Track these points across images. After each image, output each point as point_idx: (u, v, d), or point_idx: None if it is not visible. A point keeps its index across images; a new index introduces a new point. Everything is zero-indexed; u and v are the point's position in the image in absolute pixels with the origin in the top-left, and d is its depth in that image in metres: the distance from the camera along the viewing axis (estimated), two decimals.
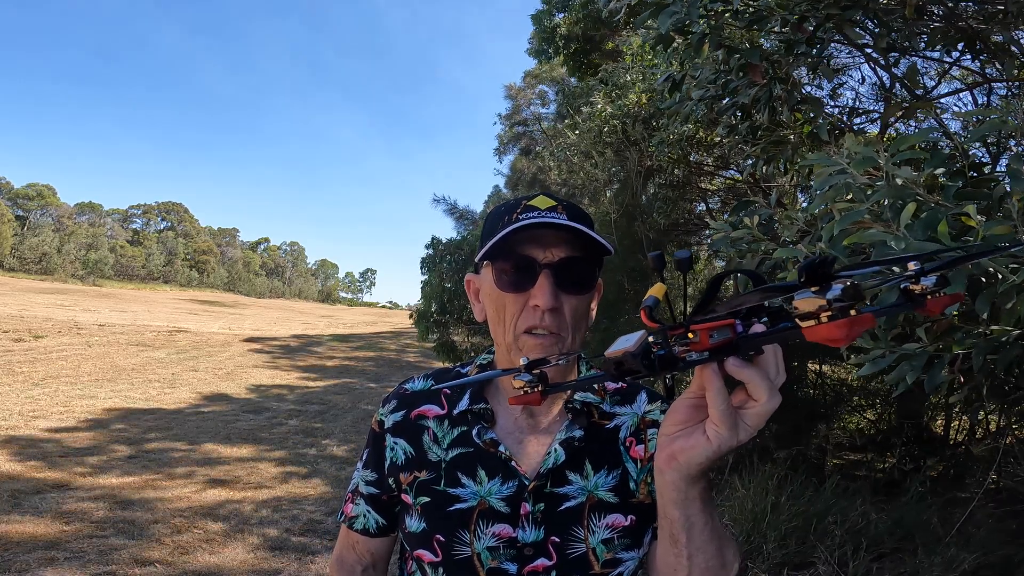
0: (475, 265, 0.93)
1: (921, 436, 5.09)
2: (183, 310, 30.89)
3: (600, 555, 0.84)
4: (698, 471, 0.60)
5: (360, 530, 0.95)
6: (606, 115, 4.87)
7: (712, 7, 2.22)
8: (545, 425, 0.90)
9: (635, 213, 5.17)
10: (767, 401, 0.54)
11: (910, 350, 1.37)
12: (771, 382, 0.54)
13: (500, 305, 0.85)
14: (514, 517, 0.84)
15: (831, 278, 0.40)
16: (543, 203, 0.85)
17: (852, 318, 0.39)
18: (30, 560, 3.41)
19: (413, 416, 0.93)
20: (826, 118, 2.50)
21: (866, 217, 1.15)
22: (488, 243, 0.83)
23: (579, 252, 0.83)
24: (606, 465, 0.88)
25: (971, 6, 2.33)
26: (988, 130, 1.25)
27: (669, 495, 0.63)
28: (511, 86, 16.71)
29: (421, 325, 8.72)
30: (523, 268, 0.83)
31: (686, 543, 0.66)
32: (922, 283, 0.45)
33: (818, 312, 0.41)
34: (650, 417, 0.92)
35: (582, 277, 0.84)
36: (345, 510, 0.98)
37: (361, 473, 0.97)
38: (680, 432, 0.60)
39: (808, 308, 0.41)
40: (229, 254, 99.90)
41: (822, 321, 0.40)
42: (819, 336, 0.41)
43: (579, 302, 0.85)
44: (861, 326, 0.40)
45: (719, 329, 0.50)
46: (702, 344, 0.50)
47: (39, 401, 7.76)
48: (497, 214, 0.88)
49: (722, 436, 0.55)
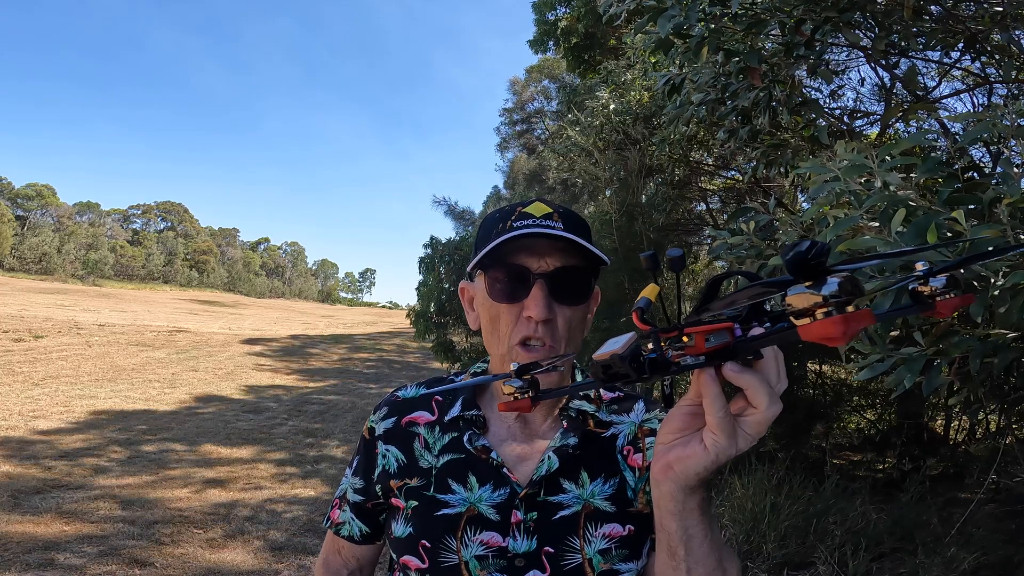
0: (469, 273, 0.91)
1: (921, 436, 5.09)
2: (183, 310, 30.90)
3: (597, 566, 0.81)
4: (696, 481, 0.57)
5: (345, 536, 0.95)
6: (609, 112, 4.86)
7: (711, 11, 2.23)
8: (539, 433, 0.88)
9: (635, 212, 5.17)
10: (767, 408, 0.51)
11: (908, 353, 1.38)
12: (771, 388, 0.51)
13: (494, 315, 0.84)
14: (504, 525, 0.82)
15: (827, 272, 0.37)
16: (538, 210, 0.83)
17: (849, 314, 0.36)
18: (30, 560, 3.42)
19: (404, 423, 0.92)
20: (826, 120, 2.51)
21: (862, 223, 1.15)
22: (481, 251, 0.81)
23: (574, 261, 0.81)
24: (603, 473, 0.85)
25: (970, 7, 2.33)
26: (982, 132, 1.25)
27: (666, 506, 0.61)
28: (515, 79, 16.75)
29: (419, 325, 8.72)
30: (516, 278, 0.81)
31: (684, 556, 0.63)
32: (931, 284, 0.43)
33: (813, 309, 0.38)
34: (648, 426, 0.90)
35: (577, 287, 0.82)
36: (332, 515, 0.97)
37: (350, 480, 0.96)
38: (677, 441, 0.58)
39: (803, 305, 0.38)
40: (229, 254, 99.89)
41: (817, 318, 0.37)
42: (815, 335, 0.38)
43: (573, 313, 0.83)
44: (859, 323, 0.37)
45: (716, 333, 0.48)
46: (698, 348, 0.47)
47: (39, 401, 7.76)
48: (491, 221, 0.86)
49: (720, 445, 0.53)
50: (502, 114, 17.04)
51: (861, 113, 3.32)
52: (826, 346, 0.48)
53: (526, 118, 16.53)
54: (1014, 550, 3.14)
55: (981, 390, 1.66)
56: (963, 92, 3.52)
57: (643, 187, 5.24)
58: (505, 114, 17.03)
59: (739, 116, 2.65)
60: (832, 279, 0.37)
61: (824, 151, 2.28)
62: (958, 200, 1.14)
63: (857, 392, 5.40)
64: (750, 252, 1.69)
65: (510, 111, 16.89)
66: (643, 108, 4.75)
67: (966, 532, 3.29)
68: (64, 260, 67.89)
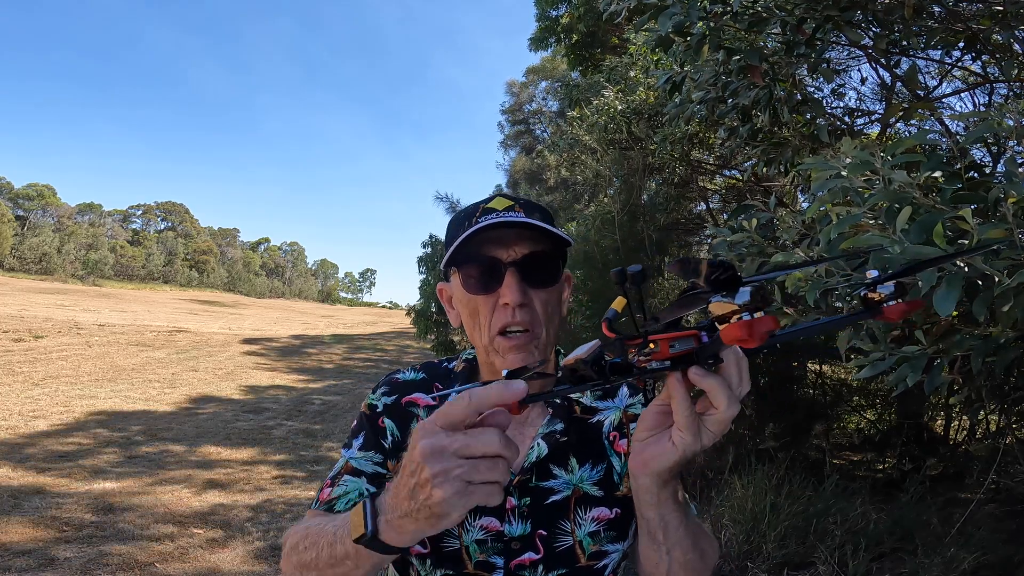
0: (443, 273, 0.94)
1: (921, 436, 5.09)
2: (183, 310, 30.90)
3: (587, 548, 0.85)
4: (668, 475, 0.64)
5: (342, 510, 0.87)
6: (614, 111, 4.85)
7: (712, 9, 2.22)
8: (527, 420, 0.91)
9: (637, 212, 5.16)
10: (726, 409, 0.56)
11: (909, 352, 1.37)
12: (731, 391, 0.56)
13: (472, 309, 0.87)
14: (500, 510, 0.85)
15: (739, 283, 0.42)
16: (500, 204, 0.87)
17: (754, 319, 0.41)
18: (30, 560, 3.41)
19: (404, 402, 0.94)
20: (827, 119, 2.50)
21: (864, 220, 1.15)
22: (451, 249, 0.84)
23: (541, 247, 0.85)
24: (591, 459, 0.89)
25: (971, 6, 2.33)
26: (984, 131, 1.25)
27: (643, 498, 0.68)
28: (512, 82, 16.75)
29: (420, 323, 8.74)
30: (489, 269, 0.84)
31: (663, 540, 0.71)
32: (879, 291, 0.47)
33: (730, 316, 0.42)
34: (632, 411, 0.93)
35: (547, 271, 0.86)
36: (321, 496, 0.90)
37: (363, 454, 0.92)
38: (651, 438, 0.64)
39: (721, 312, 0.43)
40: (229, 254, 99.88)
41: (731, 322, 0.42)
42: (730, 337, 0.42)
43: (548, 295, 0.87)
44: (763, 326, 0.41)
45: (682, 340, 0.52)
46: (662, 354, 0.52)
47: (39, 401, 7.76)
48: (457, 220, 0.90)
49: (686, 442, 0.59)
50: (504, 112, 17.07)
51: (861, 112, 3.32)
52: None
53: (524, 119, 16.54)
54: (1014, 550, 3.14)
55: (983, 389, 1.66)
56: (963, 91, 3.52)
57: (645, 186, 5.24)
58: (507, 112, 17.05)
59: (740, 114, 2.65)
60: (744, 289, 0.42)
61: (824, 150, 2.28)
62: (962, 198, 1.14)
63: (857, 392, 5.39)
64: (751, 250, 1.69)
65: (510, 110, 16.89)
66: (648, 107, 4.74)
67: (966, 532, 3.29)
68: (64, 260, 67.88)
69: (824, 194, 1.29)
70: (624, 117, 4.75)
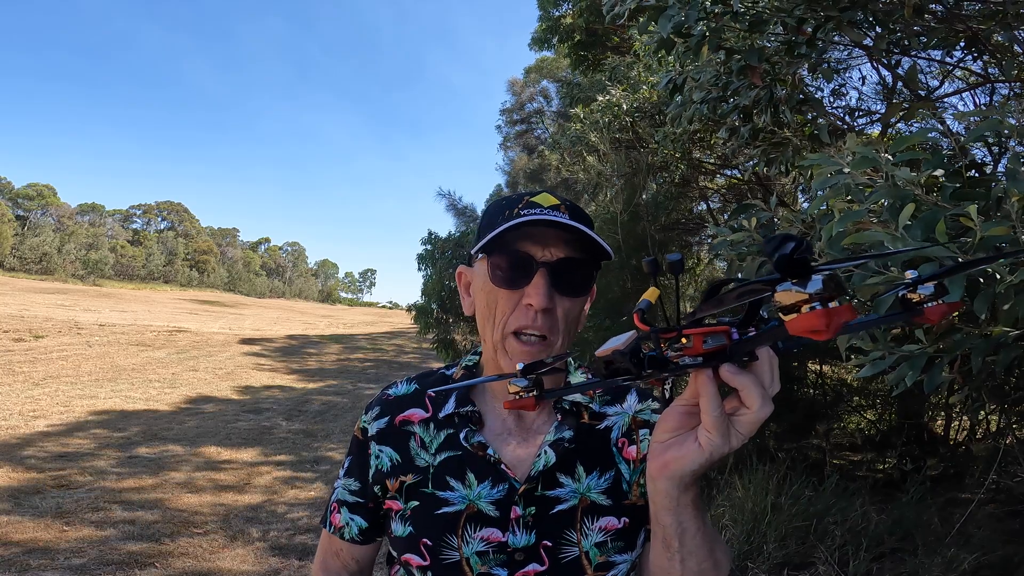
0: (468, 257, 0.90)
1: (921, 436, 5.09)
2: (183, 310, 30.89)
3: (593, 558, 0.82)
4: (691, 479, 0.60)
5: (347, 539, 0.93)
6: (619, 110, 4.84)
7: (712, 9, 2.22)
8: (534, 427, 0.88)
9: (639, 211, 5.16)
10: (759, 409, 0.53)
11: (910, 351, 1.37)
12: (764, 390, 0.54)
13: (492, 301, 0.83)
14: (504, 521, 0.83)
15: (812, 270, 0.39)
16: (546, 200, 0.83)
17: (832, 308, 0.38)
18: (29, 560, 3.41)
19: (397, 422, 0.91)
20: (827, 118, 2.50)
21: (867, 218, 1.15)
22: (486, 236, 0.80)
23: (578, 254, 0.81)
24: (599, 467, 0.86)
25: (971, 6, 2.33)
26: (986, 130, 1.25)
27: (661, 502, 0.63)
28: (514, 80, 16.74)
29: (421, 321, 8.73)
30: (519, 265, 0.80)
31: (678, 548, 0.66)
32: (919, 291, 0.45)
33: (799, 306, 0.39)
34: (641, 417, 0.91)
35: (579, 279, 0.82)
36: (333, 520, 0.95)
37: (343, 481, 0.95)
38: (673, 440, 0.60)
39: (790, 301, 0.40)
40: (229, 254, 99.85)
41: (802, 312, 0.39)
42: (800, 327, 0.39)
43: (572, 304, 0.83)
44: (841, 317, 0.39)
45: (714, 335, 0.50)
46: (695, 349, 0.50)
47: (39, 401, 7.76)
48: (498, 207, 0.85)
49: (715, 443, 0.56)
50: (502, 113, 17.05)
51: (862, 112, 3.32)
52: (817, 343, 0.50)
53: (525, 118, 16.52)
54: (1014, 550, 3.14)
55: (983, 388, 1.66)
56: (964, 91, 3.52)
57: (646, 185, 5.23)
58: (505, 113, 17.04)
59: (740, 114, 2.65)
60: (816, 276, 0.39)
61: (825, 149, 2.28)
62: (965, 196, 1.14)
63: (857, 392, 5.39)
64: (751, 249, 1.68)
65: (509, 111, 16.89)
66: (652, 106, 4.73)
67: (966, 532, 3.29)
68: (64, 260, 67.85)
69: (827, 191, 1.29)
70: (630, 116, 4.75)
